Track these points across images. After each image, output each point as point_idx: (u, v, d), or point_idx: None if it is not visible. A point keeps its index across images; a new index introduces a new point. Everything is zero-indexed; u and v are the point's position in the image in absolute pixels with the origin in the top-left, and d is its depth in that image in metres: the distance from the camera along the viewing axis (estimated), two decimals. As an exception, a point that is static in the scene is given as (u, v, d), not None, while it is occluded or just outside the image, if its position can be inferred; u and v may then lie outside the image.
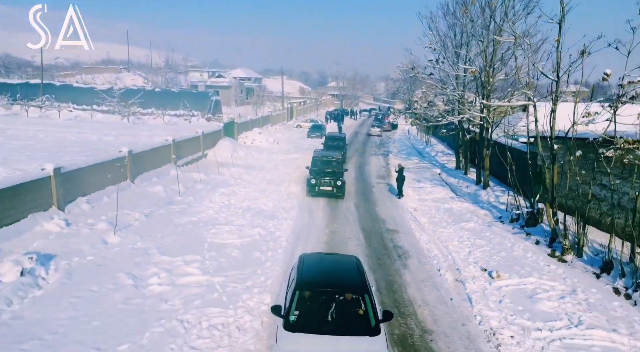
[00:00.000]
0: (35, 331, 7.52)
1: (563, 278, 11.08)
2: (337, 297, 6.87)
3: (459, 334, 8.49)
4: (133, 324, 8.01)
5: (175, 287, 9.62)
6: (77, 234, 11.82)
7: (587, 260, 12.57)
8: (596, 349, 7.93)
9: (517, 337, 8.23)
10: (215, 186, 19.33)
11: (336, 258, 9.26)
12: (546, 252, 13.30)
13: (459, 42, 22.91)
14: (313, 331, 6.24)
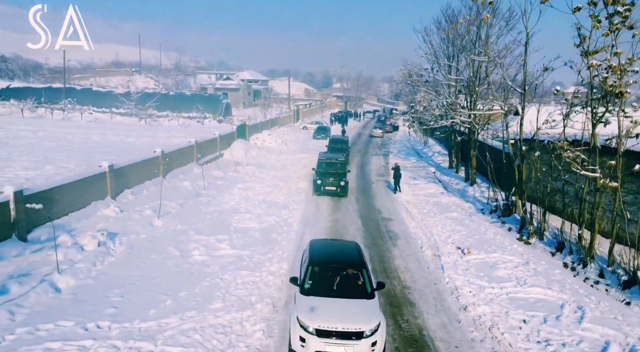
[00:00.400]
0: (117, 282, 10.37)
1: (521, 254, 13.79)
2: (341, 271, 9.04)
3: (430, 289, 11.25)
4: (186, 280, 10.83)
5: (213, 258, 12.43)
6: (130, 218, 14.70)
7: (547, 242, 15.28)
8: (532, 299, 10.66)
9: (474, 292, 10.97)
10: (234, 182, 22.18)
11: (340, 243, 11.51)
12: (515, 236, 15.99)
13: (450, 54, 25.60)
14: (322, 295, 8.45)
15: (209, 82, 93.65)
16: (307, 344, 7.61)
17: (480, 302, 10.45)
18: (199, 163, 23.67)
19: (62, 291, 9.74)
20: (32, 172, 20.34)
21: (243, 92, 75.76)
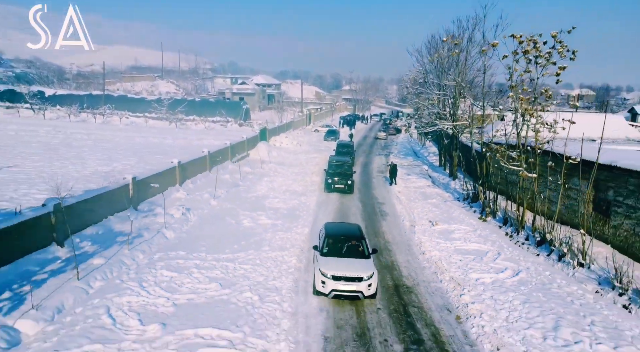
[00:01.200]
0: (200, 236, 16.27)
1: (474, 226, 19.41)
2: (347, 242, 13.89)
3: (403, 244, 16.98)
4: (242, 236, 16.67)
5: (257, 224, 18.28)
6: (194, 199, 20.66)
7: (498, 219, 20.83)
8: (470, 250, 16.29)
9: (432, 246, 16.65)
10: (261, 176, 28.10)
11: (346, 224, 16.30)
12: (477, 216, 21.55)
13: (438, 71, 31.19)
14: (335, 256, 13.15)
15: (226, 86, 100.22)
16: (326, 285, 11.72)
17: (435, 250, 16.15)
18: (233, 161, 29.66)
19: (169, 239, 15.68)
20: (105, 167, 26.52)
21: (258, 97, 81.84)
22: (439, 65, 29.35)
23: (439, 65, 29.35)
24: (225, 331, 9.88)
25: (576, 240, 15.36)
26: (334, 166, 26.09)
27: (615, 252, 14.86)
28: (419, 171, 33.55)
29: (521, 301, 12.16)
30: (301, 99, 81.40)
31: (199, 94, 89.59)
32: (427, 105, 33.23)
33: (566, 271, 14.48)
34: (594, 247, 15.02)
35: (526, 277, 13.91)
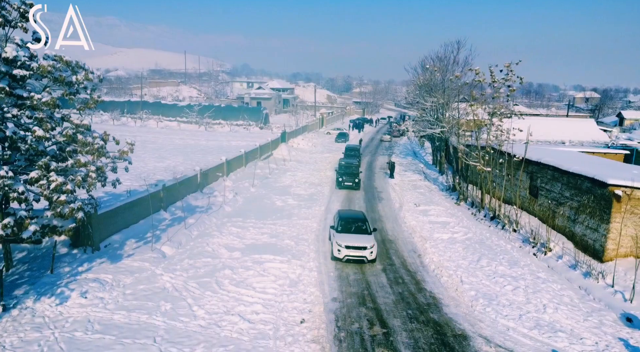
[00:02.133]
0: (248, 210, 23.40)
1: (447, 207, 26.22)
2: (355, 223, 20.13)
3: (392, 218, 23.89)
4: (277, 211, 23.73)
5: (286, 204, 25.34)
6: (238, 186, 27.84)
7: (469, 204, 27.59)
8: (439, 221, 23.12)
9: (412, 218, 23.51)
10: (284, 171, 35.19)
11: (354, 211, 23.24)
12: (453, 202, 28.30)
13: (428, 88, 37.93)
14: (346, 232, 19.14)
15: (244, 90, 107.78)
16: (340, 252, 16.83)
17: (413, 221, 23.03)
18: (261, 159, 36.84)
19: (228, 211, 22.83)
20: (160, 163, 33.84)
21: (274, 101, 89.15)
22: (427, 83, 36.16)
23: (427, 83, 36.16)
24: (277, 256, 16.93)
25: (514, 214, 22.12)
26: (343, 167, 31.34)
27: (539, 223, 21.59)
28: (414, 168, 40.31)
29: (462, 248, 19.01)
30: (314, 103, 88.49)
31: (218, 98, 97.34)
32: (421, 114, 40.02)
33: (503, 235, 21.26)
34: (529, 220, 21.67)
35: (472, 236, 20.74)
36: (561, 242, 19.08)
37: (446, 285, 15.54)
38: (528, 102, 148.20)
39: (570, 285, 15.74)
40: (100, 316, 11.86)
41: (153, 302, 12.74)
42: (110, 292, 13.12)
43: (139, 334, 11.14)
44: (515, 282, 15.61)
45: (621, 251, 17.08)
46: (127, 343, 10.75)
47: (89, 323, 11.50)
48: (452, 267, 16.96)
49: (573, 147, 37.78)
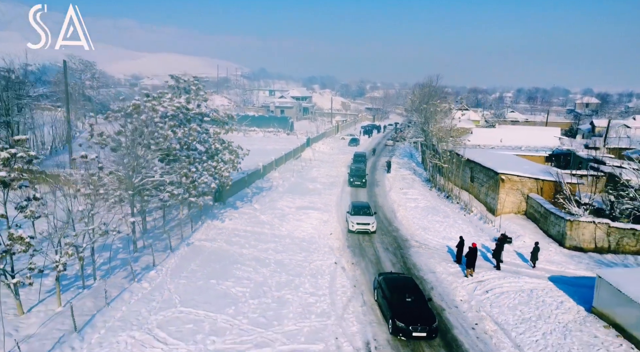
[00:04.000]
0: (293, 190, 38.13)
1: (422, 191, 40.53)
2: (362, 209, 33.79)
3: (383, 196, 38.30)
4: (311, 191, 38.36)
5: (315, 187, 39.97)
6: (282, 177, 42.66)
7: (438, 190, 41.83)
8: (414, 199, 37.43)
9: (396, 196, 37.86)
10: (311, 167, 49.85)
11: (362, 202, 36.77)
12: (428, 188, 42.56)
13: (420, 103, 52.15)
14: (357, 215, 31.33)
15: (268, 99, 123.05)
16: (353, 226, 27.38)
17: (396, 197, 37.40)
18: (294, 158, 51.62)
19: (280, 191, 37.54)
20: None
21: (296, 109, 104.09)
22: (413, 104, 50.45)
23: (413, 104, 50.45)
24: (315, 211, 31.48)
25: (459, 193, 36.29)
26: (353, 170, 44.79)
27: (472, 197, 35.75)
28: (407, 166, 54.49)
29: (421, 210, 33.32)
30: (331, 111, 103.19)
31: (246, 106, 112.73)
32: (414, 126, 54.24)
33: (449, 205, 35.48)
34: (468, 196, 35.76)
35: (429, 205, 35.03)
36: (479, 207, 33.30)
37: (404, 224, 29.92)
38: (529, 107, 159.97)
39: (473, 225, 29.91)
40: (238, 228, 26.60)
41: (260, 225, 27.44)
42: (238, 220, 27.89)
43: (258, 235, 25.82)
44: (442, 224, 29.88)
45: (505, 210, 31.21)
46: (254, 237, 25.44)
47: (235, 230, 26.24)
48: (411, 217, 31.32)
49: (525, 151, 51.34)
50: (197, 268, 20.70)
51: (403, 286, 17.68)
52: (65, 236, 16.25)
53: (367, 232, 27.47)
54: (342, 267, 22.25)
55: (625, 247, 25.01)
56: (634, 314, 15.96)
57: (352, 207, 29.84)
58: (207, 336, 15.16)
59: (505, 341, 16.05)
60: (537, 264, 23.01)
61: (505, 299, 19.14)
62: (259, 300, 18.01)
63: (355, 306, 18.12)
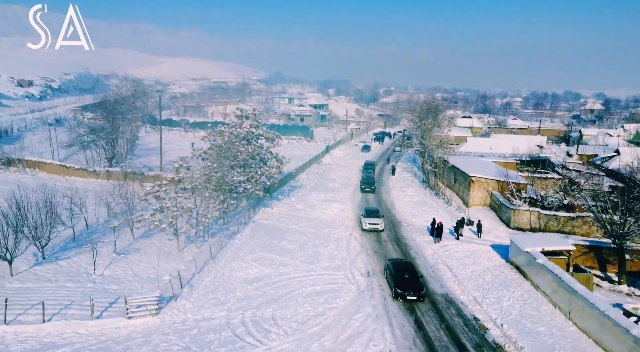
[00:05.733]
0: (316, 189, 50.63)
1: (418, 190, 52.64)
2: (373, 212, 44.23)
3: (386, 193, 50.52)
4: (331, 189, 50.77)
5: (334, 186, 52.37)
6: (308, 178, 55.22)
7: (431, 189, 53.99)
8: (409, 196, 49.56)
9: (396, 193, 50.05)
10: (330, 170, 62.33)
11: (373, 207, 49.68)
12: (423, 188, 54.66)
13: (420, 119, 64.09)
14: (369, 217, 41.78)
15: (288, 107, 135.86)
16: (365, 225, 35.87)
17: (396, 194, 49.58)
18: (317, 163, 64.22)
19: (307, 188, 50.06)
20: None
21: (314, 117, 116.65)
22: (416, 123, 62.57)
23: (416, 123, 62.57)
24: (335, 203, 43.83)
25: (445, 191, 48.29)
26: (364, 178, 55.85)
27: (454, 194, 47.76)
28: (410, 170, 66.49)
29: (413, 203, 45.49)
30: (346, 118, 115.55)
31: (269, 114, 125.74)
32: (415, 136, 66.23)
33: (437, 200, 47.54)
34: (452, 194, 47.71)
35: (420, 200, 47.15)
36: (458, 201, 45.34)
37: (400, 212, 42.13)
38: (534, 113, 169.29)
39: (450, 214, 41.84)
40: (283, 213, 39.19)
41: (297, 211, 39.99)
42: (282, 208, 40.50)
43: (296, 217, 38.35)
44: (427, 212, 41.94)
45: (475, 203, 43.15)
46: (294, 218, 37.98)
47: (281, 214, 38.82)
48: (405, 208, 43.52)
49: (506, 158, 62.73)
50: (263, 234, 33.30)
51: (404, 268, 25.22)
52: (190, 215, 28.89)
53: (377, 230, 35.91)
54: (354, 237, 34.62)
55: (550, 227, 36.70)
56: (524, 258, 27.91)
57: (365, 211, 38.62)
58: (278, 266, 27.66)
59: (449, 273, 28.16)
60: (484, 237, 35.03)
61: (455, 255, 31.24)
62: (304, 252, 30.47)
63: (361, 256, 30.44)
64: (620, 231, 26.79)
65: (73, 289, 22.63)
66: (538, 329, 21.32)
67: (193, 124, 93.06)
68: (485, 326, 21.84)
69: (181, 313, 21.52)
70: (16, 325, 19.01)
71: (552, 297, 24.12)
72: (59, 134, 65.72)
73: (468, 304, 24.11)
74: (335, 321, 21.43)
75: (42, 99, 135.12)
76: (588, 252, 30.40)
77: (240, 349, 18.59)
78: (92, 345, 18.31)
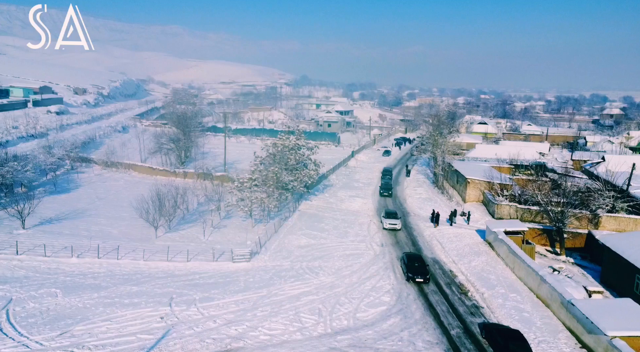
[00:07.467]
0: (344, 187, 63.73)
1: (427, 189, 65.04)
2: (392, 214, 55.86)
3: (401, 192, 63.12)
4: (356, 187, 63.77)
5: (359, 185, 65.33)
6: (337, 178, 68.43)
7: (439, 188, 66.24)
8: (419, 193, 62.05)
9: (409, 191, 62.60)
10: (355, 172, 75.26)
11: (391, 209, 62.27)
12: (432, 187, 67.03)
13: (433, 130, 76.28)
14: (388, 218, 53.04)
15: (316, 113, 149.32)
16: (385, 225, 48.83)
17: (408, 192, 62.14)
18: (344, 166, 77.38)
19: (338, 187, 63.23)
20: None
21: (340, 123, 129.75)
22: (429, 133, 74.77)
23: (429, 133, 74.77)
24: (359, 198, 56.81)
25: (449, 190, 60.58)
26: (383, 185, 67.06)
27: (455, 192, 60.02)
28: (423, 172, 78.71)
29: (422, 199, 58.00)
30: (369, 124, 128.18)
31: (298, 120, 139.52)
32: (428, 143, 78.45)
33: (442, 197, 59.90)
34: (454, 192, 59.95)
35: (428, 197, 59.61)
36: (458, 198, 57.66)
37: (410, 206, 54.75)
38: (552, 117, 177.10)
39: (450, 207, 54.17)
40: (319, 205, 52.44)
41: (330, 204, 53.17)
42: (318, 201, 53.78)
43: (330, 208, 51.51)
44: (431, 206, 54.28)
45: (470, 199, 55.38)
46: (328, 208, 51.18)
47: (318, 205, 52.09)
48: (414, 202, 56.11)
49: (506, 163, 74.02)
50: (307, 219, 46.58)
51: (415, 258, 33.96)
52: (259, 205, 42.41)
53: (395, 229, 45.38)
54: (373, 222, 47.54)
55: (526, 218, 48.53)
56: (492, 236, 40.20)
57: (385, 212, 47.45)
58: (319, 239, 40.86)
59: (439, 246, 40.72)
60: (472, 224, 47.31)
61: (446, 235, 43.72)
62: (336, 230, 43.58)
63: (378, 234, 43.34)
64: (559, 217, 38.83)
65: (194, 247, 36.47)
66: (490, 277, 33.80)
67: (235, 130, 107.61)
68: (455, 274, 34.49)
69: (262, 262, 34.99)
70: (174, 262, 32.98)
71: (506, 260, 36.48)
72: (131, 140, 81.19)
73: (448, 263, 36.75)
74: (359, 269, 34.47)
75: (96, 106, 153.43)
76: (542, 233, 42.39)
77: (302, 279, 31.86)
78: (216, 273, 31.98)
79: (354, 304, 28.46)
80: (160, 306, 26.60)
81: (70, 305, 25.84)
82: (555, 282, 29.29)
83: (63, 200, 47.70)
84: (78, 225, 40.24)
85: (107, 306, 26.07)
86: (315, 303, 28.27)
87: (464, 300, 30.11)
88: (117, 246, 34.43)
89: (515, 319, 27.40)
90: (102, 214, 44.15)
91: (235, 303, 27.77)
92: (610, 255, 33.41)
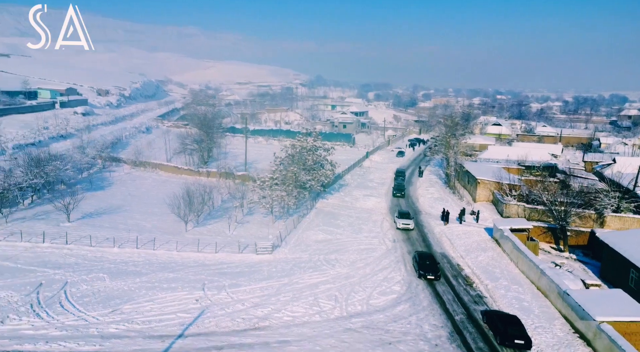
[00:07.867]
0: (359, 186, 66.69)
1: (439, 189, 67.63)
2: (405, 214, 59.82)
3: (414, 191, 65.80)
4: (370, 186, 66.69)
5: (373, 184, 68.19)
6: (352, 178, 71.42)
7: (451, 188, 68.74)
8: (431, 193, 64.64)
9: (421, 191, 65.24)
10: (370, 172, 78.13)
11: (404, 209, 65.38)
12: (444, 187, 69.55)
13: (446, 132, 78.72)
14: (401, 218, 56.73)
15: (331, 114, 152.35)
16: (398, 225, 51.37)
17: (420, 192, 64.82)
18: (358, 166, 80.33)
19: (353, 186, 66.28)
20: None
21: (355, 124, 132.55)
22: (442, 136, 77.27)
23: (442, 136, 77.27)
24: (373, 197, 59.75)
25: (460, 190, 63.10)
26: (395, 186, 70.06)
27: (466, 192, 62.49)
28: (436, 173, 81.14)
29: (433, 198, 60.63)
30: (384, 125, 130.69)
31: (314, 120, 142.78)
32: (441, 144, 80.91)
33: (453, 196, 62.45)
34: (465, 191, 62.42)
35: (439, 196, 62.22)
36: (468, 197, 60.15)
37: (422, 204, 57.45)
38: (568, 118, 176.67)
39: (460, 206, 56.75)
40: (335, 203, 55.52)
41: (345, 202, 56.20)
42: (334, 200, 56.87)
43: (345, 206, 54.56)
44: (442, 205, 56.85)
45: (480, 199, 57.84)
46: (344, 206, 54.23)
47: (334, 203, 55.18)
48: (426, 201, 58.78)
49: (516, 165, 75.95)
50: (324, 216, 49.72)
51: (426, 257, 36.17)
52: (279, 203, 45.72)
53: (408, 229, 48.56)
54: (386, 219, 50.44)
55: (533, 217, 50.85)
56: (499, 233, 42.76)
57: (398, 213, 49.94)
58: (335, 235, 43.96)
59: (448, 242, 43.44)
60: (482, 222, 49.84)
61: (455, 232, 46.39)
62: (351, 227, 46.62)
63: (390, 231, 46.23)
64: (562, 216, 41.23)
65: (221, 240, 39.94)
66: (494, 270, 36.47)
67: (252, 131, 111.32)
68: (462, 267, 37.25)
69: (283, 254, 38.25)
70: (204, 253, 36.52)
71: (510, 255, 39.07)
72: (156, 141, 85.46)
73: (456, 258, 39.50)
74: (372, 262, 37.47)
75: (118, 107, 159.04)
76: (547, 231, 44.76)
77: (320, 269, 35.02)
78: (242, 264, 35.36)
79: (367, 292, 31.50)
80: (194, 290, 30.04)
81: (117, 288, 29.46)
82: (554, 275, 31.85)
83: (99, 196, 51.81)
84: (115, 219, 44.15)
85: (149, 289, 29.61)
86: (332, 291, 31.39)
87: (468, 290, 32.87)
88: (152, 238, 38.10)
89: (515, 307, 30.08)
90: (136, 209, 48.04)
91: (260, 289, 31.06)
92: (608, 251, 35.75)
